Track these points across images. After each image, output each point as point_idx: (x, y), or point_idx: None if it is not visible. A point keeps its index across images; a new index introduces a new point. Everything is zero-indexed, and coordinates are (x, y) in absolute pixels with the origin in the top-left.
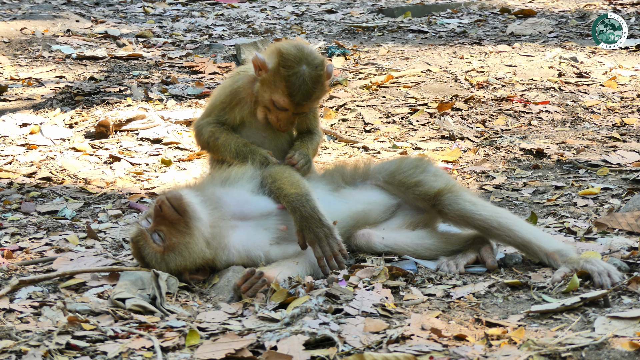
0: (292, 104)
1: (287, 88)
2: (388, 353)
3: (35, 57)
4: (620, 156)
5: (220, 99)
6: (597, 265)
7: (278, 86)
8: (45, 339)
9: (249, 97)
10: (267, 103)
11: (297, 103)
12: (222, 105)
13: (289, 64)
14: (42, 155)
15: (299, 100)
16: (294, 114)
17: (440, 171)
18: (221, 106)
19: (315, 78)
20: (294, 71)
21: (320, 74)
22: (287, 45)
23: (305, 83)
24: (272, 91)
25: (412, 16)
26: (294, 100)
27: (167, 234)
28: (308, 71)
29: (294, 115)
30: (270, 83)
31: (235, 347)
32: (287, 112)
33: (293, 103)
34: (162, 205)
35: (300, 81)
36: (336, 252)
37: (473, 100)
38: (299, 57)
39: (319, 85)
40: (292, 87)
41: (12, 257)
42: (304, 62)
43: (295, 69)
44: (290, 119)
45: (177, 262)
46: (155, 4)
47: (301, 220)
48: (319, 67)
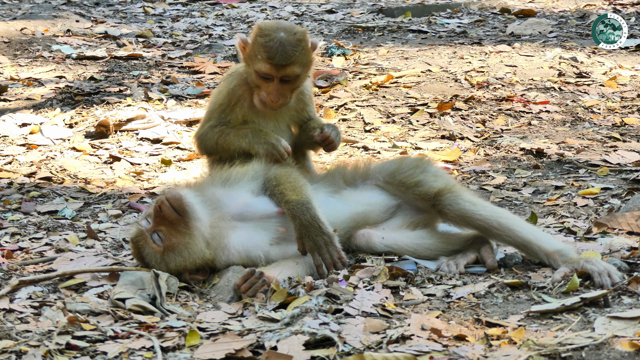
0: (273, 67)
1: (265, 52)
2: (388, 353)
3: (35, 57)
4: (620, 156)
5: (219, 102)
6: (597, 265)
7: (258, 54)
8: (45, 339)
9: (247, 93)
10: (254, 79)
11: (277, 65)
12: (222, 107)
13: (265, 33)
14: (42, 155)
15: (278, 61)
16: (281, 81)
17: (440, 171)
18: (220, 109)
19: (293, 42)
20: (270, 37)
21: (300, 39)
22: (267, 21)
23: (282, 45)
24: (254, 62)
25: (412, 16)
26: (274, 62)
27: (167, 234)
28: (285, 36)
29: (283, 85)
30: (252, 56)
31: (235, 347)
32: (274, 82)
33: (274, 66)
34: (161, 205)
35: (277, 44)
36: (335, 260)
37: (473, 100)
38: (275, 26)
39: (299, 49)
40: (270, 50)
41: (12, 257)
42: (281, 30)
43: (271, 36)
44: (280, 90)
45: (177, 262)
46: (155, 4)
47: (301, 228)
48: (297, 33)
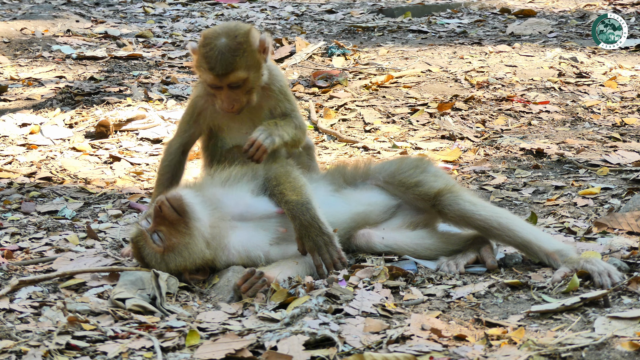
0: (217, 77)
1: (206, 63)
2: (388, 353)
3: (35, 57)
4: (620, 156)
5: (185, 114)
6: (597, 265)
7: (201, 65)
8: (45, 339)
9: (209, 102)
10: (206, 88)
11: (220, 75)
12: (187, 118)
13: (206, 42)
14: (42, 155)
15: (219, 71)
16: (230, 87)
17: (440, 171)
18: (187, 120)
19: (234, 47)
20: (210, 46)
21: (240, 42)
22: (215, 26)
23: (221, 53)
24: (201, 73)
25: (412, 16)
26: (215, 73)
27: (167, 234)
28: (225, 42)
29: (234, 91)
30: (198, 66)
31: (235, 347)
32: (224, 89)
33: (217, 76)
34: (162, 205)
35: (217, 54)
36: (335, 260)
37: (473, 100)
38: (218, 33)
39: (239, 53)
40: (210, 60)
41: (12, 257)
42: (222, 35)
43: (211, 44)
44: (233, 96)
45: (177, 263)
46: (155, 4)
47: (300, 228)
48: (239, 36)
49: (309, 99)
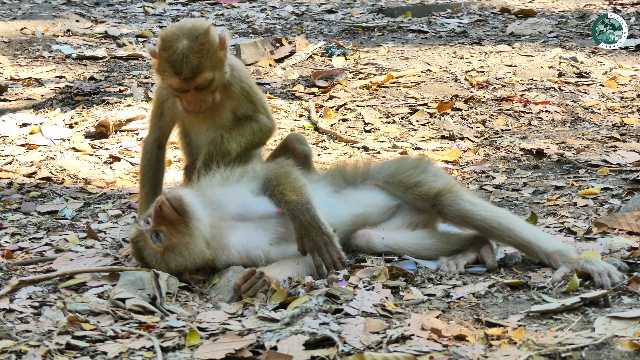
0: (184, 81)
1: (171, 68)
2: (388, 353)
3: (35, 57)
4: (620, 156)
5: (152, 108)
6: (597, 265)
7: (165, 69)
8: (45, 339)
9: (171, 96)
10: (171, 91)
11: (188, 78)
12: (154, 111)
13: (167, 45)
14: (42, 155)
15: (186, 75)
16: (196, 90)
17: (440, 171)
18: (154, 114)
19: (197, 49)
20: (172, 50)
21: (203, 42)
22: (170, 27)
23: (186, 57)
24: (164, 77)
25: (412, 16)
26: (182, 77)
27: (167, 234)
28: (188, 44)
29: (200, 92)
30: (160, 70)
31: (235, 347)
32: (190, 92)
33: (184, 80)
34: (162, 205)
35: (181, 57)
36: (335, 260)
37: (473, 100)
38: (177, 34)
39: (204, 54)
40: (174, 64)
41: (12, 257)
42: (183, 37)
43: (173, 47)
44: (200, 97)
45: (177, 263)
46: (155, 4)
47: (300, 228)
48: (200, 36)
49: (309, 99)
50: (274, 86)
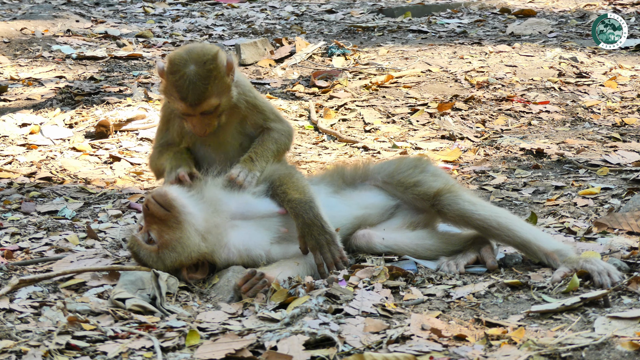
0: (190, 107)
1: (178, 93)
2: (388, 353)
3: (35, 57)
4: (620, 156)
5: (159, 122)
6: (597, 265)
7: (172, 93)
8: (45, 339)
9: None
10: (176, 113)
11: (193, 105)
12: (160, 125)
13: (175, 69)
14: (42, 155)
15: (192, 102)
16: (202, 115)
17: (439, 171)
18: (160, 127)
19: (204, 75)
20: (180, 74)
21: (210, 69)
22: (179, 50)
23: (193, 83)
24: (171, 100)
25: (412, 16)
26: (189, 103)
27: (159, 231)
28: (195, 70)
29: (205, 117)
30: (167, 92)
31: (235, 347)
32: (195, 117)
33: (190, 106)
34: (148, 204)
35: (187, 83)
36: (337, 259)
37: (473, 100)
38: (185, 59)
39: (211, 81)
40: (181, 91)
41: (12, 257)
42: (191, 62)
43: (181, 72)
44: (205, 122)
45: (172, 258)
46: (155, 4)
47: (303, 227)
48: (207, 62)
49: (309, 99)
50: (274, 86)
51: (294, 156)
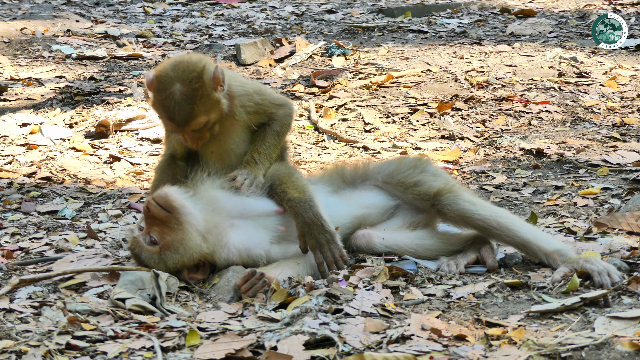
0: (178, 126)
1: (164, 112)
2: (388, 353)
3: (35, 57)
4: (620, 156)
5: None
6: (597, 265)
7: (159, 112)
8: (45, 339)
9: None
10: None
11: (181, 124)
12: (165, 132)
13: (160, 87)
14: (42, 155)
15: (180, 121)
16: (193, 131)
17: (439, 171)
18: (165, 134)
19: (190, 95)
20: (165, 94)
21: (196, 88)
22: (165, 64)
23: (178, 104)
24: (159, 116)
25: (412, 16)
26: (176, 122)
27: (161, 233)
28: (180, 90)
29: (196, 132)
30: (155, 108)
31: (235, 347)
32: (186, 132)
33: (178, 125)
34: (149, 206)
35: (173, 104)
36: (337, 258)
37: (473, 100)
38: (170, 77)
39: (197, 100)
40: (167, 110)
41: (12, 257)
42: (176, 80)
43: (167, 91)
44: (197, 136)
45: (175, 260)
46: (155, 4)
47: (303, 226)
48: (193, 81)
49: (309, 99)
50: (274, 86)
51: (294, 156)
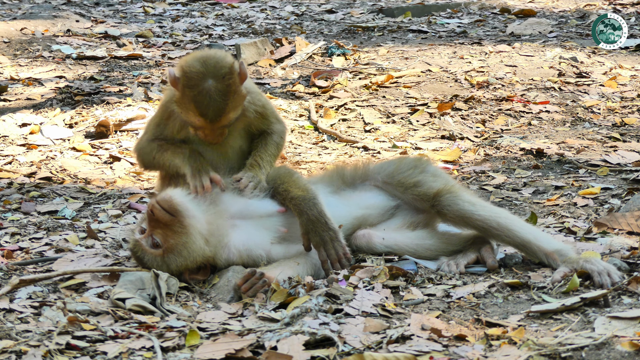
0: (207, 122)
1: (197, 109)
2: (388, 353)
3: (35, 57)
4: (620, 156)
5: (155, 116)
6: (597, 265)
7: (189, 108)
8: (45, 339)
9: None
10: (188, 123)
11: (212, 121)
12: (157, 120)
13: (192, 83)
14: (42, 155)
15: (212, 118)
16: (216, 128)
17: (439, 171)
18: (157, 121)
19: (224, 91)
20: (199, 90)
21: (229, 84)
22: (191, 60)
23: (213, 100)
24: (185, 113)
25: (412, 16)
26: (208, 119)
27: (164, 236)
28: (214, 85)
29: (219, 128)
30: (182, 104)
31: (235, 347)
32: (210, 130)
33: (208, 122)
34: (153, 209)
35: (208, 99)
36: (340, 256)
37: (473, 100)
38: (202, 72)
39: (230, 96)
40: (201, 106)
41: (12, 257)
42: (208, 76)
43: (200, 87)
44: (218, 132)
45: (178, 263)
46: (155, 4)
47: (307, 224)
48: (226, 76)
49: (309, 98)
50: (274, 86)
51: (293, 156)
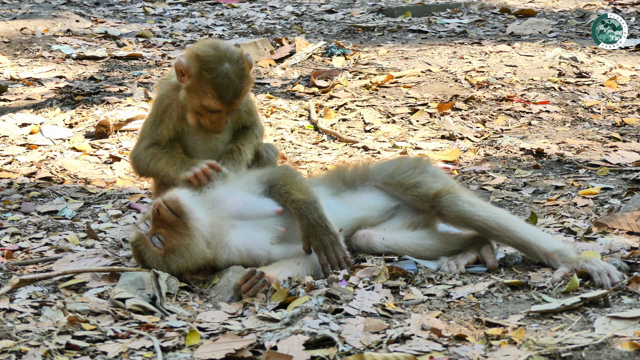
0: (224, 104)
1: (215, 91)
2: (388, 353)
3: (35, 57)
4: (620, 156)
5: (150, 114)
6: (597, 265)
7: (206, 90)
8: (45, 339)
9: (175, 103)
10: (198, 109)
11: (230, 103)
12: (152, 118)
13: (210, 66)
14: (42, 155)
15: (230, 99)
16: (227, 113)
17: (439, 171)
18: (152, 120)
19: (239, 73)
20: (217, 72)
21: (244, 67)
22: (203, 47)
23: (232, 81)
24: (201, 97)
25: (412, 16)
26: (226, 101)
27: (167, 236)
28: (231, 68)
29: (227, 115)
30: (197, 89)
31: (235, 347)
32: (220, 113)
33: (225, 104)
34: (159, 208)
35: (227, 80)
36: (340, 260)
37: (473, 100)
38: (218, 56)
39: (244, 79)
40: (220, 88)
41: (12, 257)
42: (225, 60)
43: (218, 70)
44: (224, 119)
45: (179, 264)
46: (155, 4)
47: (308, 227)
48: (240, 61)
49: (309, 98)
50: (274, 86)
51: (293, 156)
